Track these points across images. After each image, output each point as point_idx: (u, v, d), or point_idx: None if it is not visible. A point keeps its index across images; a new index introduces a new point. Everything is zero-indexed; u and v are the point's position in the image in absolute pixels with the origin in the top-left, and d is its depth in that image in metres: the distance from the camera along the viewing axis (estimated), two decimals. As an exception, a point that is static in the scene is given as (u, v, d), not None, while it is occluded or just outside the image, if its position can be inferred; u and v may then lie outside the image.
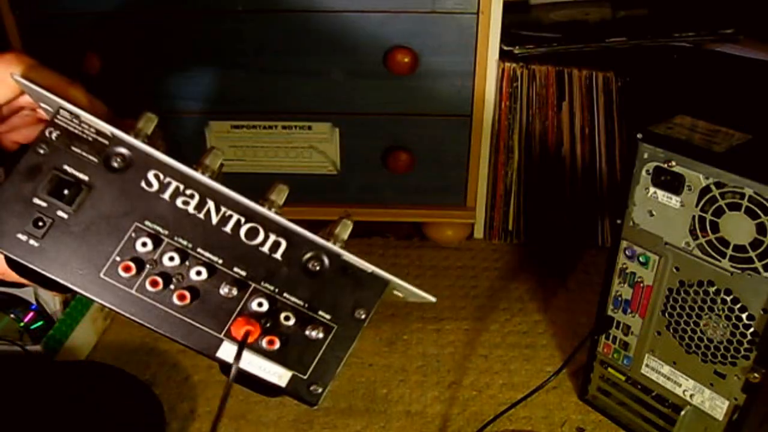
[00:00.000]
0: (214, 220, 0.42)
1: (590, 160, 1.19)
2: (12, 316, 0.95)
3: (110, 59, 1.12)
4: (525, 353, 1.02)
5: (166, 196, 0.42)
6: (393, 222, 1.29)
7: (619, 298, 0.81)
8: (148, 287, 0.42)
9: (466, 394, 0.95)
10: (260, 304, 0.42)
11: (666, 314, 0.76)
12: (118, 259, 0.42)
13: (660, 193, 0.72)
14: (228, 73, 1.14)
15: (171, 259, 0.42)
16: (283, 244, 0.43)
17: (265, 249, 0.43)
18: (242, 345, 0.42)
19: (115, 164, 0.42)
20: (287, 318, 0.43)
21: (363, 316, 0.43)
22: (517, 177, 1.23)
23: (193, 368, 0.99)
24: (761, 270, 0.66)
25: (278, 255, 0.43)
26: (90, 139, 0.42)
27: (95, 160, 0.42)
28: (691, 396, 0.77)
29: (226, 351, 0.43)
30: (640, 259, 0.77)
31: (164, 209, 0.42)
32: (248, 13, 1.08)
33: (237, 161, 1.20)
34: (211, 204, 0.42)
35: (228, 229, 0.42)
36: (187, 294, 0.42)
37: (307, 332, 0.43)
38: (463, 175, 1.21)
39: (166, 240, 0.42)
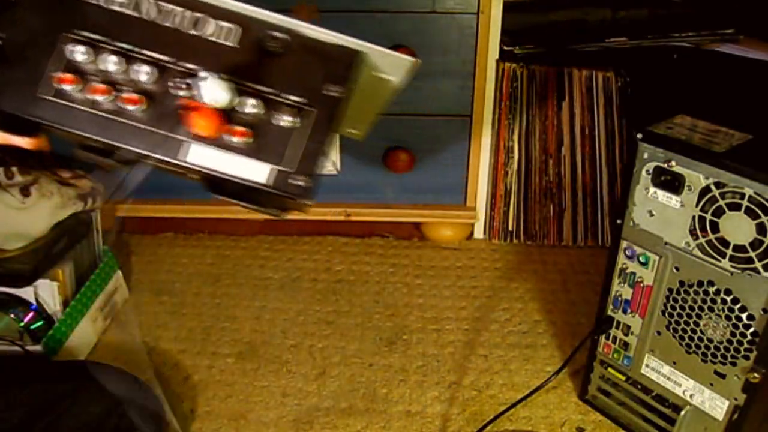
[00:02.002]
0: (154, 16, 0.40)
1: (590, 160, 1.19)
2: (12, 316, 0.95)
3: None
4: (525, 353, 1.02)
5: (101, 1, 0.40)
6: (393, 222, 1.29)
7: (619, 298, 0.81)
8: (95, 97, 0.39)
9: (466, 394, 0.95)
10: (218, 97, 0.39)
11: (666, 314, 0.76)
12: (55, 72, 0.39)
13: (660, 193, 0.72)
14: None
15: (115, 63, 0.39)
16: (237, 30, 0.40)
17: (217, 38, 0.40)
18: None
19: None
20: (253, 106, 0.40)
21: (335, 94, 0.40)
22: (517, 177, 1.23)
23: (193, 368, 0.99)
24: (761, 270, 0.66)
25: (232, 42, 0.40)
26: None
27: None
28: (691, 396, 0.77)
29: (197, 153, 0.40)
30: (640, 259, 0.77)
31: (99, 15, 0.40)
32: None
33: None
34: (150, 1, 0.40)
35: (171, 23, 0.40)
36: (137, 98, 0.39)
37: (276, 118, 0.40)
38: (463, 175, 1.21)
39: (106, 46, 0.40)
